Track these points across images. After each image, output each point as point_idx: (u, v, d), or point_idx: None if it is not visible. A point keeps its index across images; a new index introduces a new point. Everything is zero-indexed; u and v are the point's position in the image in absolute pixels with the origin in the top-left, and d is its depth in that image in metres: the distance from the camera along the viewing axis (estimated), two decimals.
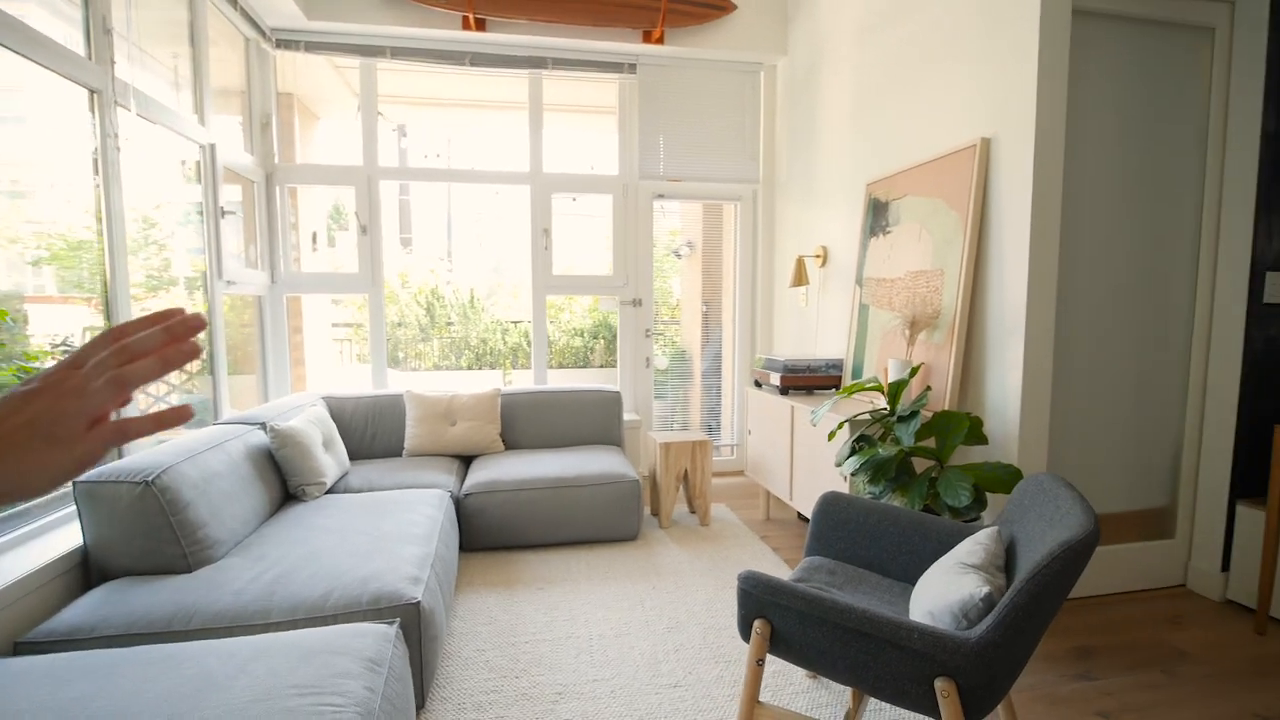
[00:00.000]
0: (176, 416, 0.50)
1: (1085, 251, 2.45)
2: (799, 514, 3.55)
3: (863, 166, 3.16)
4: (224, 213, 3.21)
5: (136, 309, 2.55)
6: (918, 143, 2.76)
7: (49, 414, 0.44)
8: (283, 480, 2.69)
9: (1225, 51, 2.47)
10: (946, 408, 2.39)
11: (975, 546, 1.59)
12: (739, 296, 4.34)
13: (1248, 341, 2.45)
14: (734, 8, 3.81)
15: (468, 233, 13.47)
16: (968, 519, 2.04)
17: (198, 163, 3.08)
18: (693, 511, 3.49)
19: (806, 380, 3.17)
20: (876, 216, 2.98)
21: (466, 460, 3.47)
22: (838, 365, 3.19)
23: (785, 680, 2.00)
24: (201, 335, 0.50)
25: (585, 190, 4.16)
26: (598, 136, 4.99)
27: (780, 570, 2.82)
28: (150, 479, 1.94)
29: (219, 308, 3.13)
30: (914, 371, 2.34)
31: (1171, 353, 2.59)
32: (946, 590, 1.41)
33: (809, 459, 2.87)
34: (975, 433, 2.14)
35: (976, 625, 1.32)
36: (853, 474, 2.17)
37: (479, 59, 3.85)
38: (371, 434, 3.44)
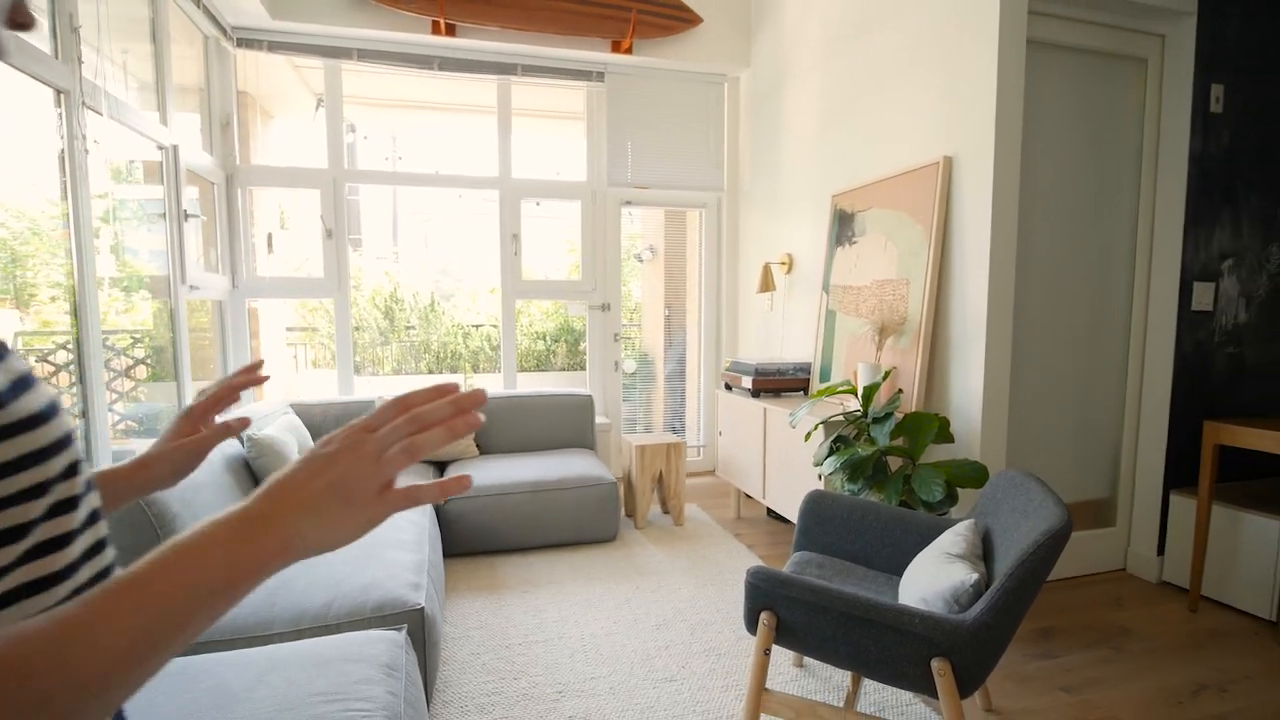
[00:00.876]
0: (458, 485, 0.53)
1: (1035, 263, 2.65)
2: (769, 511, 3.68)
3: (828, 179, 3.31)
4: (187, 215, 3.11)
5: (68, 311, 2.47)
6: (881, 158, 2.91)
7: (348, 478, 0.47)
8: None
9: (1157, 80, 2.71)
10: (914, 409, 2.54)
11: (956, 538, 1.72)
12: (704, 301, 4.45)
13: (1178, 345, 2.69)
14: (700, 20, 3.92)
15: (415, 233, 13.23)
16: (941, 513, 2.18)
17: (159, 164, 2.99)
18: (666, 512, 3.58)
19: (776, 383, 3.29)
20: (842, 227, 3.13)
21: (441, 466, 3.46)
22: (805, 368, 3.33)
23: (775, 670, 2.10)
24: (482, 409, 0.52)
25: (554, 196, 4.19)
26: (563, 141, 5.02)
27: (754, 561, 2.92)
28: None
29: (183, 313, 3.04)
30: (886, 375, 2.49)
31: (1111, 356, 2.82)
32: (937, 578, 1.53)
33: (782, 458, 2.99)
34: (943, 432, 2.29)
35: (968, 609, 1.44)
36: (832, 473, 2.29)
37: (448, 64, 3.84)
38: None
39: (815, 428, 2.59)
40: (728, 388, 3.61)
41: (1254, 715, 1.92)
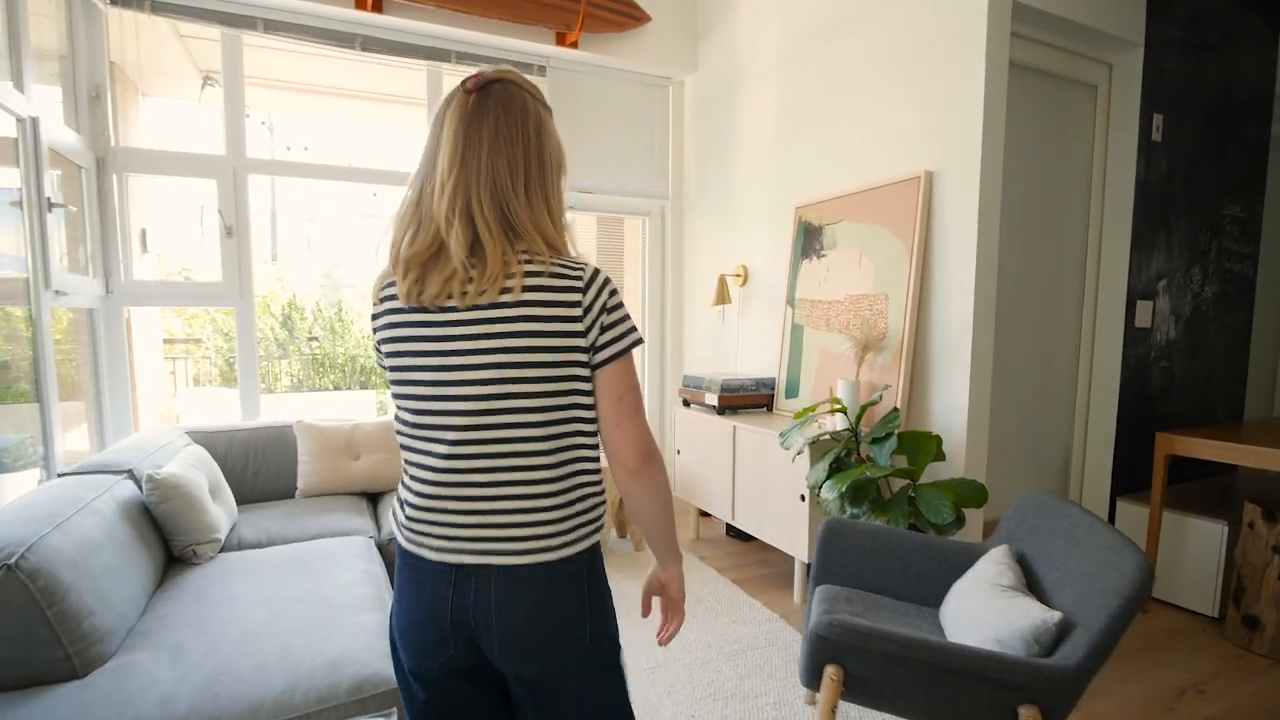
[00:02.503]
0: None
1: (999, 279, 2.70)
2: (728, 529, 3.56)
3: (790, 190, 3.25)
4: (51, 205, 2.55)
5: None
6: (852, 171, 2.87)
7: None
8: (164, 540, 2.17)
9: (1105, 107, 2.85)
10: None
11: (999, 567, 1.65)
12: (648, 314, 4.29)
13: (1124, 360, 2.83)
14: (649, 19, 3.76)
15: (296, 234, 12.21)
16: (949, 536, 2.13)
17: (14, 141, 2.43)
18: (622, 536, 3.37)
19: (743, 400, 3.18)
20: (809, 240, 3.08)
21: (373, 497, 3.06)
22: (769, 384, 3.24)
23: (790, 712, 1.96)
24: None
25: None
26: None
27: (731, 590, 2.78)
28: (12, 561, 1.45)
29: (46, 323, 2.48)
30: (880, 395, 2.41)
31: (1061, 370, 2.93)
32: (1006, 615, 1.44)
33: (755, 479, 2.88)
34: (938, 451, 2.26)
35: (1053, 650, 1.36)
36: (836, 497, 2.18)
37: (372, 44, 3.44)
38: (253, 473, 2.92)
39: (802, 449, 2.48)
40: (686, 404, 3.46)
41: (1238, 715, 2.00)
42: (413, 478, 0.95)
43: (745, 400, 3.19)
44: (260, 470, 2.93)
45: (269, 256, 11.02)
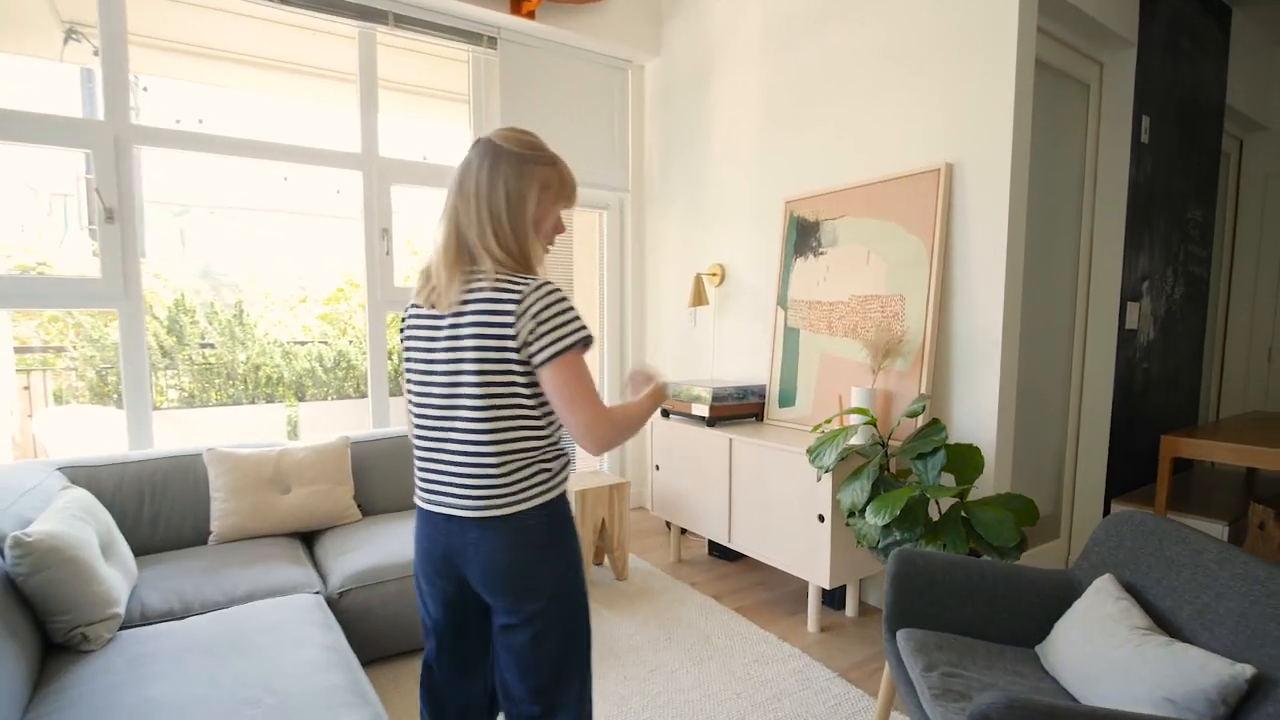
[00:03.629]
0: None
1: None
2: (710, 547, 3.28)
3: (777, 183, 3.02)
4: None
5: None
6: (853, 163, 2.67)
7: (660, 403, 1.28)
8: (38, 623, 1.61)
9: (1097, 106, 2.81)
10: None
11: (1118, 602, 1.46)
12: (606, 315, 3.94)
13: (1116, 362, 2.80)
14: None
15: (167, 227, 10.93)
16: (1009, 560, 1.94)
17: None
18: (599, 563, 3.02)
19: (733, 409, 2.91)
20: (803, 236, 2.85)
21: (309, 539, 2.53)
22: (759, 391, 2.99)
23: None
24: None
25: (431, 183, 3.39)
26: (432, 125, 4.12)
27: (738, 623, 2.50)
28: None
29: None
30: (924, 404, 2.18)
31: (1054, 373, 2.87)
32: (1179, 669, 1.23)
33: (757, 498, 2.61)
34: (980, 465, 2.08)
35: (1240, 711, 1.16)
36: (887, 524, 1.94)
37: None
38: (152, 517, 2.33)
39: (827, 468, 2.23)
40: (665, 414, 3.15)
41: None
42: (416, 448, 1.23)
43: (735, 410, 2.92)
44: (161, 512, 2.34)
45: (138, 251, 9.69)
